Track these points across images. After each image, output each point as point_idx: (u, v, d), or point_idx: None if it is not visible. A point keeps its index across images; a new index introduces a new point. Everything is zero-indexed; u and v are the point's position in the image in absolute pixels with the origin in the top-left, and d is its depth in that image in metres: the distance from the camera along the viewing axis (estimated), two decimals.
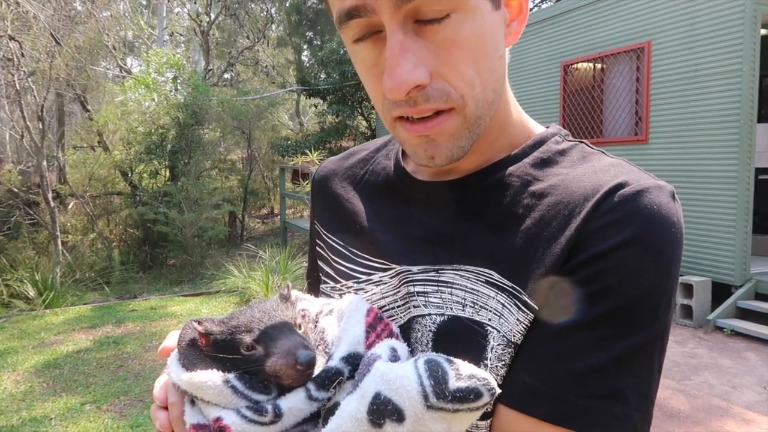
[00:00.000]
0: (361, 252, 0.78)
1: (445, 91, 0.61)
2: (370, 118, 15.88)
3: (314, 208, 0.92)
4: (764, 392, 4.44)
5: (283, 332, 0.62)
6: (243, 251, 9.57)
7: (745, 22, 5.77)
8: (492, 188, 0.70)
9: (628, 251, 0.59)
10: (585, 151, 0.72)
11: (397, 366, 0.56)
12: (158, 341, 6.03)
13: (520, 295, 0.63)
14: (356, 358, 0.61)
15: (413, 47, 0.59)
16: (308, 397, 0.59)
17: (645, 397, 0.60)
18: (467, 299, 0.65)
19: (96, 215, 12.21)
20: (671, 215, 0.61)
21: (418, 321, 0.67)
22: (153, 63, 12.33)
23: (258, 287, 7.40)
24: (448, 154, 0.66)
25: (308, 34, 18.56)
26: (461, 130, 0.64)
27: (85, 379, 5.02)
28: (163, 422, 0.66)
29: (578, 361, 0.59)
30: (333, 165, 0.92)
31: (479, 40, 0.61)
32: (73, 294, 8.45)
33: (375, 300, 0.73)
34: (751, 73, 5.82)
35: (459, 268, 0.67)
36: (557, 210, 0.64)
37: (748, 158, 5.94)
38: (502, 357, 0.62)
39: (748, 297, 5.97)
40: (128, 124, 11.89)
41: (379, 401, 0.54)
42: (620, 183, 0.62)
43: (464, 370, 0.55)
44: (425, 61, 0.60)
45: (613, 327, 0.59)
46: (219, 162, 14.17)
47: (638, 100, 7.04)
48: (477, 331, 0.63)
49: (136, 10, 18.41)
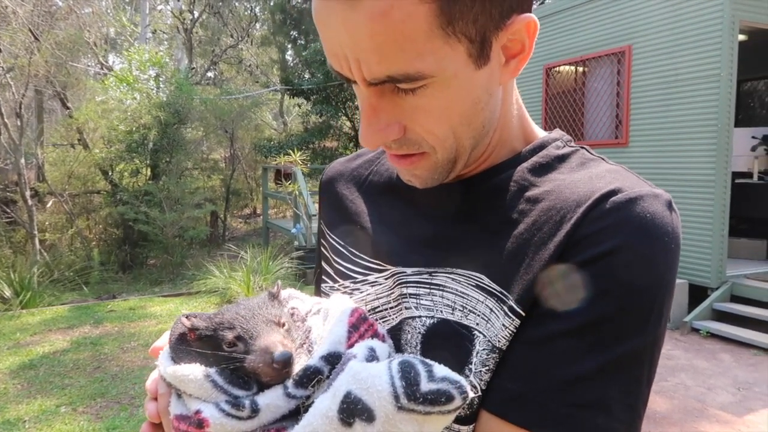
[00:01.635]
0: (359, 252, 0.78)
1: (416, 142, 0.64)
2: (354, 118, 15.87)
3: (321, 208, 0.92)
4: (738, 393, 4.51)
5: (263, 330, 0.64)
6: (224, 251, 9.50)
7: (723, 27, 5.86)
8: (489, 192, 0.70)
9: (617, 259, 0.58)
10: (584, 157, 0.71)
11: (371, 366, 0.57)
12: (137, 342, 5.97)
13: (507, 300, 0.62)
14: (336, 357, 0.61)
15: (386, 107, 0.61)
16: (286, 394, 0.60)
17: (631, 408, 0.59)
18: (457, 303, 0.65)
19: (75, 214, 12.05)
20: (665, 224, 0.60)
21: (408, 323, 0.68)
22: (135, 61, 12.19)
23: (239, 288, 7.35)
24: (425, 183, 0.69)
25: (292, 34, 18.48)
26: (436, 167, 0.67)
27: (60, 380, 4.94)
28: (152, 412, 0.67)
29: (562, 368, 0.58)
30: (340, 166, 0.92)
31: (454, 104, 0.61)
32: (51, 294, 8.32)
33: (369, 300, 0.73)
34: (729, 78, 5.91)
35: (451, 271, 0.67)
36: (549, 215, 0.64)
37: (725, 162, 6.03)
38: (486, 362, 0.62)
39: (723, 299, 6.07)
40: (109, 122, 11.75)
41: (350, 400, 0.54)
42: (613, 189, 0.62)
43: (438, 372, 0.55)
44: (398, 119, 0.62)
45: (600, 335, 0.58)
46: (201, 161, 14.07)
47: (619, 103, 7.12)
48: (464, 335, 0.63)
49: (118, 6, 18.20)
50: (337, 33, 0.56)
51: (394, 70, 0.56)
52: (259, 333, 0.63)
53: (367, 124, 0.62)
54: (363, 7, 0.53)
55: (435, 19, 0.54)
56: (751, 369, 5.00)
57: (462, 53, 0.57)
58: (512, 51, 0.62)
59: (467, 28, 0.56)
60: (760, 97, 9.29)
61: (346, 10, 0.54)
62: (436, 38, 0.55)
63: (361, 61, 0.57)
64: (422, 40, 0.55)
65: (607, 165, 0.69)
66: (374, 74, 0.57)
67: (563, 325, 0.58)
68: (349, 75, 0.59)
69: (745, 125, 8.46)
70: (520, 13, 0.60)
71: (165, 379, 0.64)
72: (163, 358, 0.67)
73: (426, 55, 0.56)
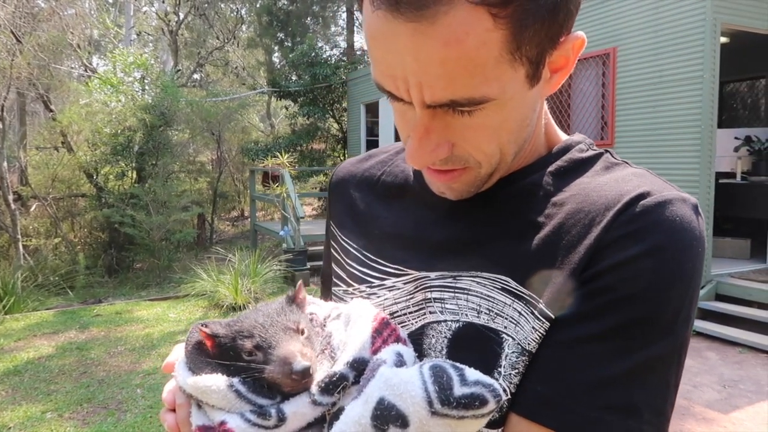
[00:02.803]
0: (375, 256, 0.77)
1: (463, 158, 0.64)
2: (341, 120, 15.86)
3: (330, 209, 0.91)
4: (723, 391, 4.57)
5: (282, 339, 0.63)
6: (212, 254, 9.44)
7: (705, 30, 5.94)
8: (512, 196, 0.69)
9: (646, 262, 0.58)
10: (608, 161, 0.71)
11: (402, 371, 0.57)
12: (123, 347, 5.91)
13: (536, 304, 0.62)
14: (362, 363, 0.61)
15: (438, 127, 0.60)
16: (312, 401, 0.59)
17: (659, 412, 0.59)
18: (482, 306, 0.65)
19: (60, 218, 11.91)
20: (693, 228, 0.61)
21: (432, 327, 0.67)
22: (119, 63, 12.08)
23: (227, 291, 7.31)
24: (460, 195, 0.70)
25: (279, 36, 18.45)
26: (475, 181, 0.67)
27: (46, 386, 4.88)
28: (171, 424, 0.66)
29: (592, 372, 0.58)
30: (351, 167, 0.91)
31: (506, 123, 0.61)
32: (35, 299, 8.21)
33: (387, 305, 0.73)
34: (711, 80, 5.99)
35: (476, 274, 0.66)
36: (577, 219, 0.64)
37: (708, 162, 6.11)
38: (516, 365, 0.61)
39: (708, 298, 6.14)
40: (93, 124, 11.62)
41: (383, 407, 0.54)
42: (642, 193, 0.62)
43: (470, 376, 0.55)
44: (448, 139, 0.61)
45: (629, 338, 0.58)
46: (188, 164, 13.96)
47: (604, 104, 7.18)
48: (492, 339, 0.63)
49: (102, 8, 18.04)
50: (401, 56, 0.54)
51: (459, 95, 0.56)
52: (278, 342, 0.63)
53: (418, 145, 0.61)
54: (437, 33, 0.52)
55: (506, 45, 0.53)
56: (736, 367, 5.07)
57: (522, 75, 0.57)
58: (557, 66, 0.62)
59: (531, 51, 0.55)
60: (743, 99, 9.43)
61: (417, 33, 0.52)
62: (503, 63, 0.55)
63: (424, 85, 0.55)
64: (491, 66, 0.54)
65: (632, 168, 0.69)
66: (437, 98, 0.56)
67: (592, 329, 0.59)
68: (405, 97, 0.58)
69: (728, 126, 8.59)
70: (569, 31, 0.60)
71: (184, 390, 0.63)
72: (181, 368, 0.66)
73: (492, 80, 0.55)
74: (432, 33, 0.52)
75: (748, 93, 9.31)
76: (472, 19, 0.51)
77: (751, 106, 9.28)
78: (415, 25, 0.52)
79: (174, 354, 0.71)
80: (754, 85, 9.13)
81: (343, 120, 15.64)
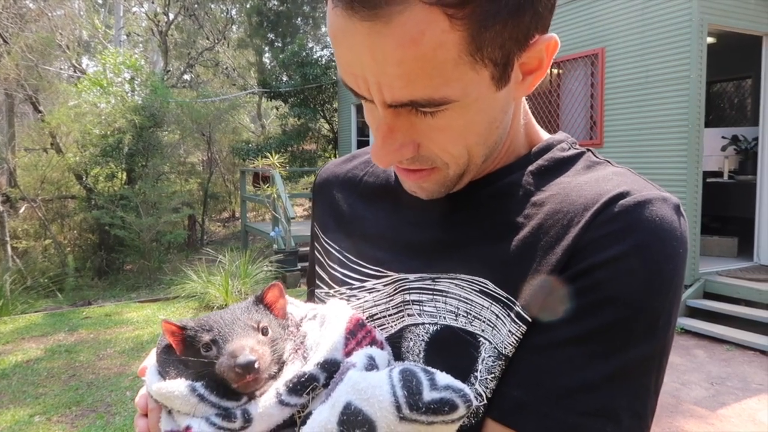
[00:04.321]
0: (356, 258, 0.76)
1: (430, 158, 0.63)
2: (332, 120, 15.84)
3: (314, 211, 0.90)
4: (711, 388, 4.61)
5: (238, 335, 0.62)
6: (203, 255, 9.41)
7: (692, 30, 5.99)
8: (492, 197, 0.68)
9: (625, 263, 0.57)
10: (590, 160, 0.70)
11: (370, 375, 0.55)
12: (113, 349, 5.88)
13: (513, 306, 0.61)
14: (333, 365, 0.59)
15: (402, 127, 0.59)
16: (279, 401, 0.58)
17: (639, 417, 0.58)
18: (461, 309, 0.63)
19: (49, 219, 11.83)
20: (674, 229, 0.59)
21: (411, 330, 0.66)
22: (108, 63, 12.01)
23: (217, 292, 7.29)
24: (431, 195, 0.68)
25: (269, 36, 18.40)
26: (444, 182, 0.66)
27: (34, 389, 4.85)
28: (142, 429, 0.66)
29: (569, 376, 0.57)
30: (335, 168, 0.90)
31: (472, 125, 0.60)
32: (24, 302, 8.16)
33: (367, 308, 0.71)
34: (698, 80, 6.04)
35: (454, 276, 0.65)
36: (556, 219, 0.62)
37: (696, 162, 6.16)
38: (492, 369, 0.60)
39: (696, 296, 6.19)
40: (83, 126, 11.55)
41: (350, 411, 0.52)
42: (621, 192, 0.60)
43: (440, 380, 0.54)
44: (413, 138, 0.60)
45: (607, 342, 0.56)
46: (178, 165, 13.91)
47: (593, 104, 7.23)
48: (469, 342, 0.62)
49: (91, 8, 17.93)
50: (359, 54, 0.54)
51: (419, 95, 0.55)
52: (233, 337, 0.61)
53: (382, 144, 0.60)
54: (392, 33, 0.51)
55: (465, 46, 0.52)
56: (724, 364, 5.11)
57: (486, 77, 0.56)
58: (529, 67, 0.60)
59: (494, 53, 0.54)
60: (730, 98, 9.52)
61: (372, 33, 0.51)
62: (463, 65, 0.53)
63: (383, 85, 0.55)
64: (450, 67, 0.53)
65: (613, 167, 0.68)
66: (396, 98, 0.55)
67: (570, 332, 0.57)
68: (366, 95, 0.57)
69: (715, 126, 8.66)
70: (542, 32, 0.58)
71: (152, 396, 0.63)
72: (150, 373, 0.65)
73: (453, 81, 0.54)
74: (387, 32, 0.51)
75: (735, 93, 9.39)
76: (427, 19, 0.50)
77: (737, 106, 9.37)
78: (370, 24, 0.51)
79: (149, 358, 0.70)
80: (741, 85, 9.22)
81: (334, 120, 15.63)
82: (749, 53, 7.12)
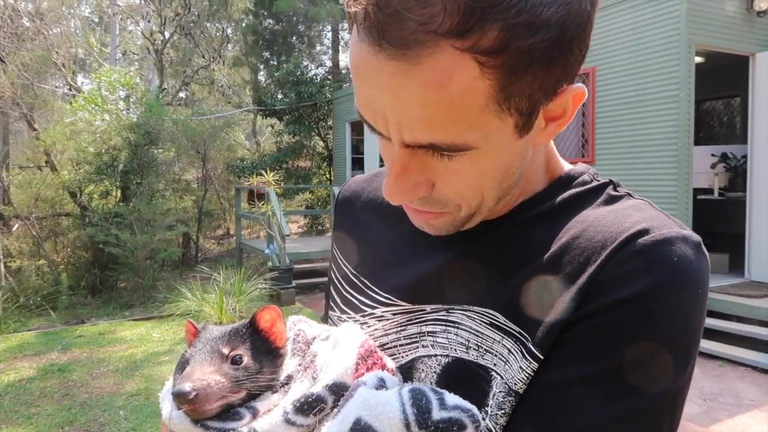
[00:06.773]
0: (369, 282, 0.76)
1: (442, 201, 0.62)
2: (327, 138, 15.93)
3: (335, 230, 0.89)
4: (704, 404, 4.62)
5: (197, 360, 0.63)
6: (197, 273, 9.38)
7: (680, 50, 6.10)
8: (509, 230, 0.67)
9: (642, 303, 0.55)
10: (610, 194, 0.68)
11: (381, 393, 0.56)
12: (106, 368, 5.85)
13: (526, 342, 0.60)
14: (342, 388, 0.60)
15: (417, 167, 0.58)
16: (285, 420, 0.58)
17: None
18: (471, 341, 0.63)
19: (43, 237, 11.78)
20: (693, 269, 0.57)
21: (423, 361, 0.66)
22: (104, 81, 12.07)
23: (212, 310, 7.27)
24: (438, 233, 0.67)
25: (265, 54, 18.54)
26: (453, 222, 0.65)
27: (26, 409, 4.81)
28: None
29: (580, 416, 0.55)
30: (357, 186, 0.88)
31: (490, 171, 0.59)
32: (17, 320, 8.10)
33: (377, 336, 0.71)
34: (687, 99, 6.14)
35: (467, 308, 0.65)
36: (572, 255, 0.61)
37: (686, 179, 6.23)
38: (502, 405, 0.59)
39: None
40: (78, 143, 11.57)
41: (359, 427, 0.53)
42: (641, 230, 0.58)
43: (449, 400, 0.55)
44: (426, 178, 0.59)
45: (619, 384, 0.55)
46: (173, 182, 13.91)
47: (584, 122, 7.32)
48: (481, 376, 0.61)
49: (87, 27, 18.04)
50: (381, 92, 0.52)
51: (440, 139, 0.53)
52: (191, 362, 0.63)
53: (394, 182, 0.59)
54: (419, 75, 0.49)
55: (494, 95, 0.51)
56: (717, 380, 5.13)
57: (510, 125, 0.55)
58: (553, 115, 0.59)
59: (521, 102, 0.53)
60: (719, 117, 9.64)
61: (398, 73, 0.50)
62: (489, 113, 0.52)
63: (404, 125, 0.53)
64: (475, 114, 0.52)
65: (633, 201, 0.66)
66: (416, 140, 0.54)
67: (583, 371, 0.56)
68: (384, 132, 0.56)
69: (705, 143, 8.76)
70: (570, 82, 0.57)
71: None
72: (164, 400, 0.65)
73: (476, 128, 0.53)
74: (414, 74, 0.50)
75: (724, 111, 9.52)
76: (457, 65, 0.49)
77: (727, 124, 9.49)
78: (397, 64, 0.50)
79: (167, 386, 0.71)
80: (730, 104, 9.35)
81: (329, 138, 15.71)
82: (737, 72, 7.24)
